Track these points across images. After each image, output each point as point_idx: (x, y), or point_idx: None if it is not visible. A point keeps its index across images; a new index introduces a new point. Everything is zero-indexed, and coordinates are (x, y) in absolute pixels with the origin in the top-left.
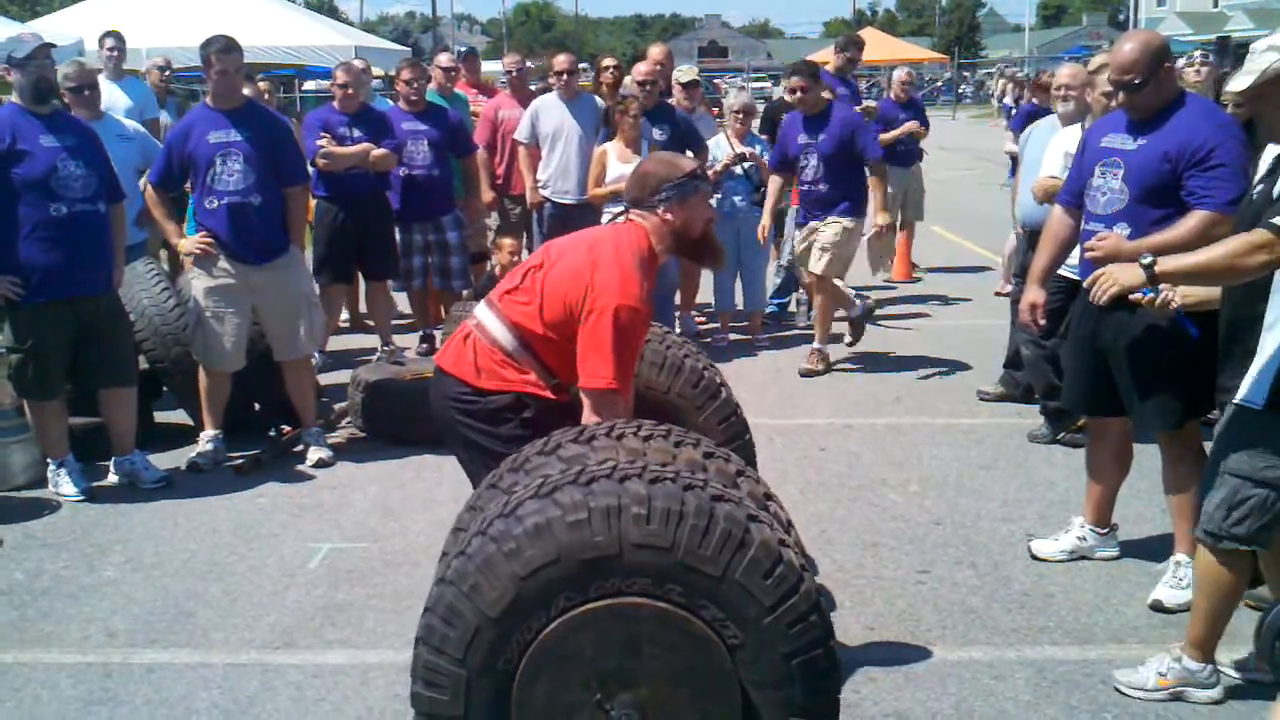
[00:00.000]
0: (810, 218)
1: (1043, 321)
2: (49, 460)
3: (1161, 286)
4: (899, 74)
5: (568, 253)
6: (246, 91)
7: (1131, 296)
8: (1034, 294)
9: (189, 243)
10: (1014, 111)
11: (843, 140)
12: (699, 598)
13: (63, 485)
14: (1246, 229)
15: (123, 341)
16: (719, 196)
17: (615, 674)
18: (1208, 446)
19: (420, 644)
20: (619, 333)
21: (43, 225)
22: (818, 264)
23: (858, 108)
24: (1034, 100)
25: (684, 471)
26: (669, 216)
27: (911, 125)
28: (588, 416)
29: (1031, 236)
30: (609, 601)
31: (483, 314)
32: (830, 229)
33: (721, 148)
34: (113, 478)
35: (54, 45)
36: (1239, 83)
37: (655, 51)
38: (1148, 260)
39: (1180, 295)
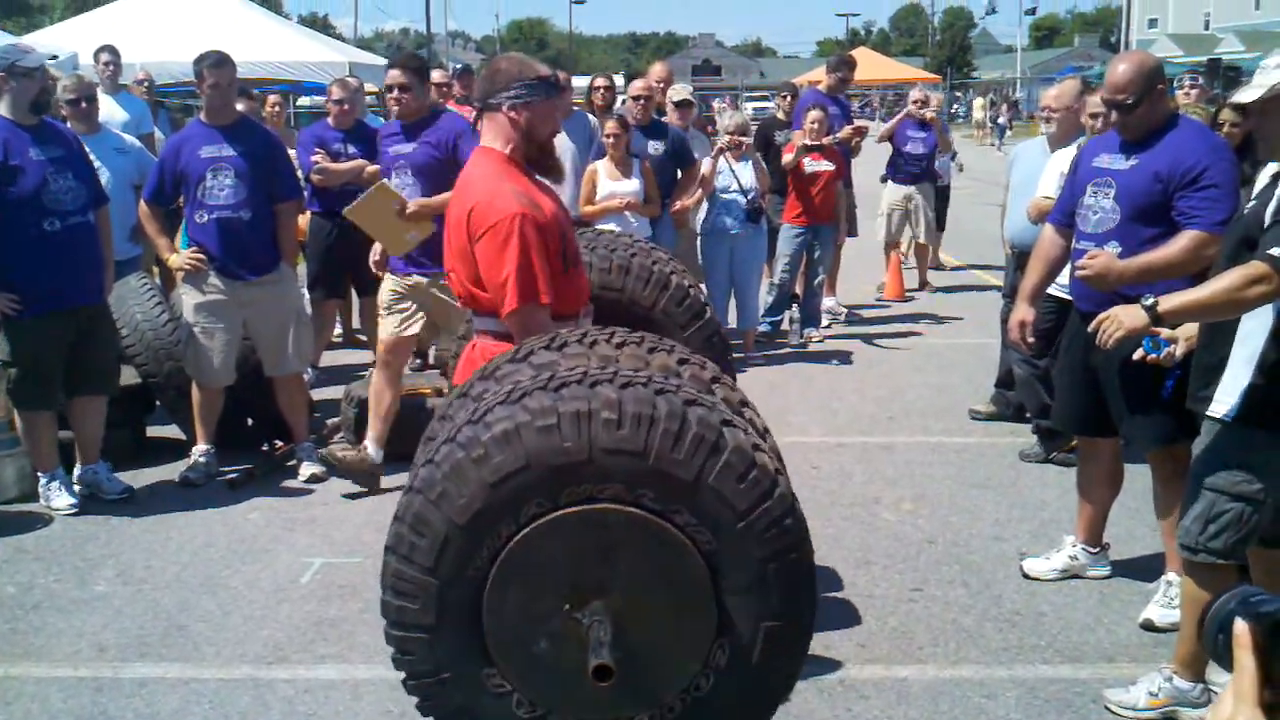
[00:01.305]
0: (412, 263)
1: (1031, 340)
2: (39, 473)
3: (1164, 342)
4: (915, 94)
5: (448, 214)
6: (240, 107)
7: (1135, 356)
8: (1023, 312)
9: (179, 258)
10: (1008, 131)
11: (442, 147)
12: (672, 503)
13: (54, 498)
14: (1232, 247)
15: (109, 350)
16: (710, 214)
17: (587, 581)
18: None
19: (389, 553)
20: (508, 248)
21: (36, 241)
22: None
23: (849, 127)
24: None
25: (656, 376)
26: (514, 115)
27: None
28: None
29: (1020, 257)
30: (580, 508)
31: (475, 320)
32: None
33: (721, 168)
34: (76, 487)
35: (55, 57)
36: (1246, 95)
37: (657, 69)
38: (1150, 301)
39: (1184, 341)
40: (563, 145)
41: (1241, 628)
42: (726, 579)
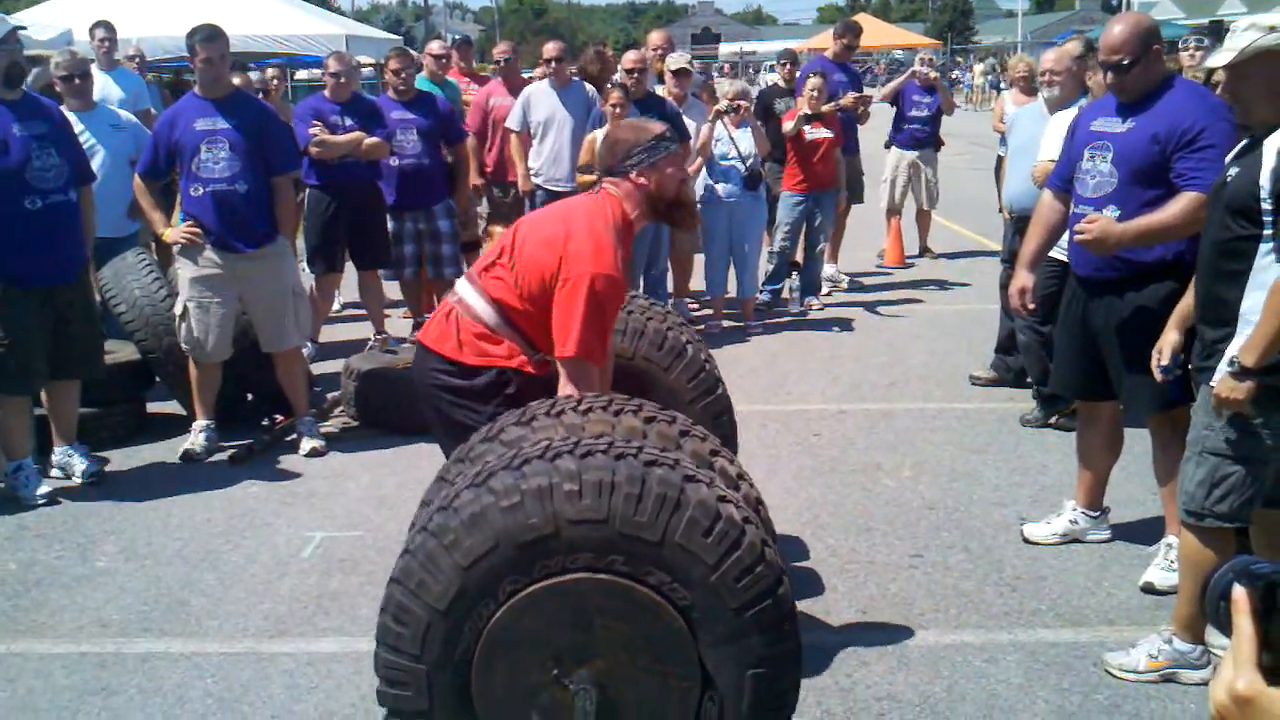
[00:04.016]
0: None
1: (1032, 305)
2: (9, 461)
3: (1176, 361)
4: (921, 57)
5: (542, 225)
6: (236, 81)
7: (1158, 378)
8: (1023, 278)
9: (175, 232)
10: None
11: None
12: (642, 565)
13: (22, 488)
14: (1219, 215)
15: (89, 334)
16: (709, 183)
17: (570, 651)
18: None
19: (379, 643)
20: (593, 301)
21: (17, 218)
22: None
23: (852, 95)
24: None
25: (618, 442)
26: (642, 180)
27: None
28: (563, 387)
29: (1020, 221)
30: (553, 580)
31: (464, 289)
32: None
33: (720, 135)
34: (54, 471)
35: (23, 28)
36: (1218, 59)
37: (655, 37)
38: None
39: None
40: (560, 114)
41: (1240, 593)
42: (706, 632)
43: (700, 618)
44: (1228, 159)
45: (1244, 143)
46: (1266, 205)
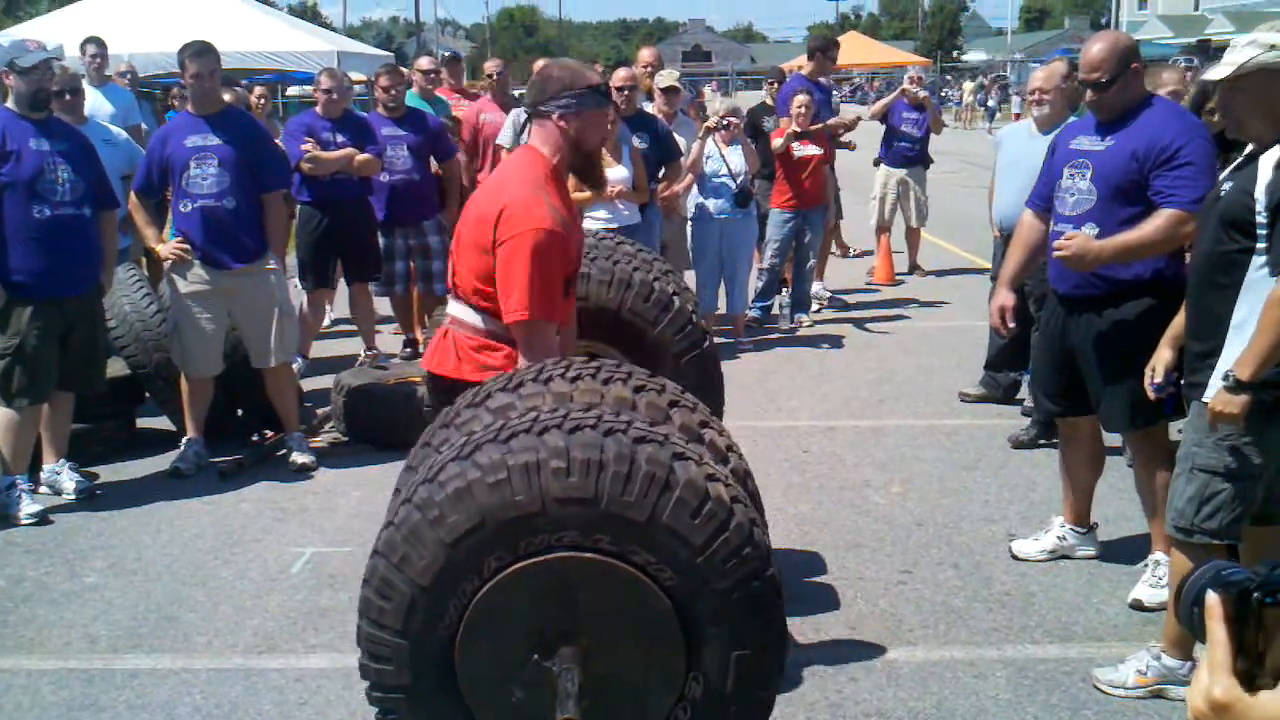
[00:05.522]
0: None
1: (1011, 324)
2: (5, 476)
3: (1169, 379)
4: (910, 73)
5: (475, 203)
6: (226, 98)
7: (1150, 395)
8: (1003, 297)
9: (166, 248)
10: (997, 114)
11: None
12: (629, 544)
13: (15, 506)
14: (1213, 228)
15: (92, 349)
16: (700, 200)
17: (553, 629)
18: None
19: (361, 617)
20: (532, 260)
21: (25, 227)
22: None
23: (835, 119)
24: None
25: (607, 415)
26: (563, 124)
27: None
28: (521, 356)
29: (1009, 239)
30: (538, 559)
31: (452, 306)
32: None
33: (711, 152)
34: (42, 489)
35: (58, 59)
36: (1217, 71)
37: (645, 54)
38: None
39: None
40: None
41: (1213, 599)
42: (692, 613)
43: (686, 598)
44: (1223, 174)
45: (1241, 158)
46: (1261, 218)
